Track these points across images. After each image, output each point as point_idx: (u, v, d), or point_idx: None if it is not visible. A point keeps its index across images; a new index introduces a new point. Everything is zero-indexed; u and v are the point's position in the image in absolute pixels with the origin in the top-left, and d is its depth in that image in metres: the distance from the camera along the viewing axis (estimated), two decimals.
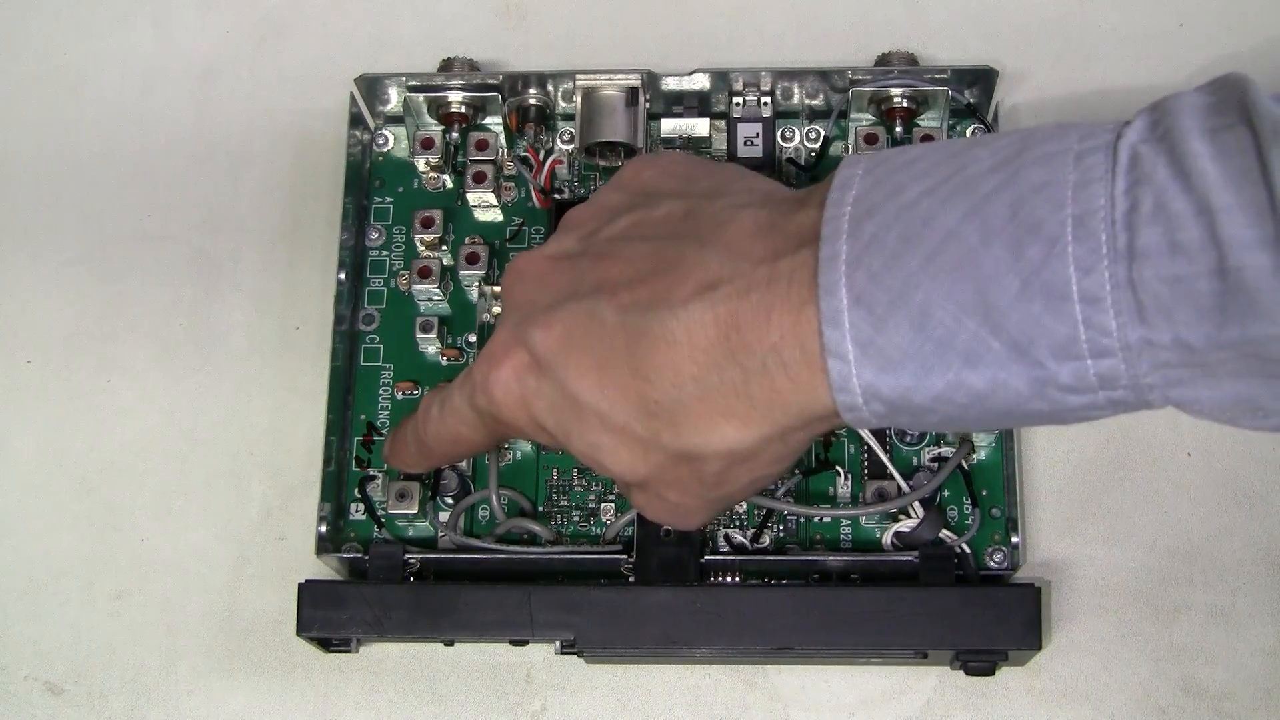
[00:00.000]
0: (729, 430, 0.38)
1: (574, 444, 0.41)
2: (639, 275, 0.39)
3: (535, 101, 0.57)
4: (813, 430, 0.38)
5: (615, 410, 0.39)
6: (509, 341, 0.41)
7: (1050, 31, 0.60)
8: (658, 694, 0.53)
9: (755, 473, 0.40)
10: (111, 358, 0.58)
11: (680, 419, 0.38)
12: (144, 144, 0.61)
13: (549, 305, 0.41)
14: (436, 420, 0.46)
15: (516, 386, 0.41)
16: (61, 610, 0.55)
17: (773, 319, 0.36)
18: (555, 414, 0.41)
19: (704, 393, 0.38)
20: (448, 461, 0.49)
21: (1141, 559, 0.53)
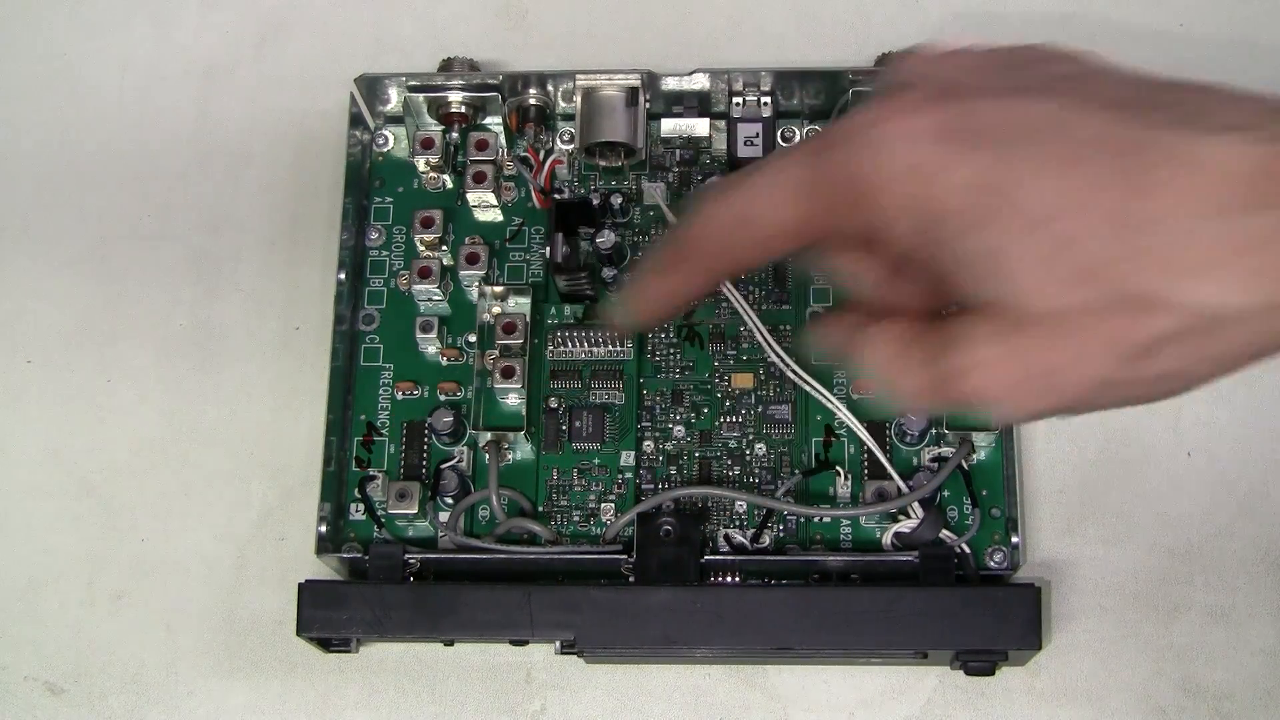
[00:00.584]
0: (1217, 286, 0.30)
1: (972, 240, 0.32)
2: (1145, 97, 0.32)
3: (535, 101, 0.57)
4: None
5: (1072, 215, 0.31)
6: (921, 99, 0.33)
7: (1050, 31, 0.60)
8: (658, 694, 0.53)
9: (1195, 356, 0.32)
10: (111, 358, 0.58)
11: (1161, 253, 0.31)
12: (144, 144, 0.61)
13: (999, 88, 0.33)
14: (728, 190, 0.36)
15: (924, 148, 0.33)
16: (61, 610, 0.55)
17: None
18: (963, 196, 0.32)
19: (1209, 234, 0.30)
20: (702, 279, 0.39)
21: (1141, 559, 0.53)
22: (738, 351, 0.54)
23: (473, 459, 0.53)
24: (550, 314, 0.55)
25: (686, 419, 0.54)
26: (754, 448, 0.53)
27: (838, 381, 0.53)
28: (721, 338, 0.55)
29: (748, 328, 0.53)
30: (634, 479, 0.53)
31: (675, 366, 0.54)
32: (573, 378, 0.54)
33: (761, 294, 0.55)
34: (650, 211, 0.56)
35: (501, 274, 0.56)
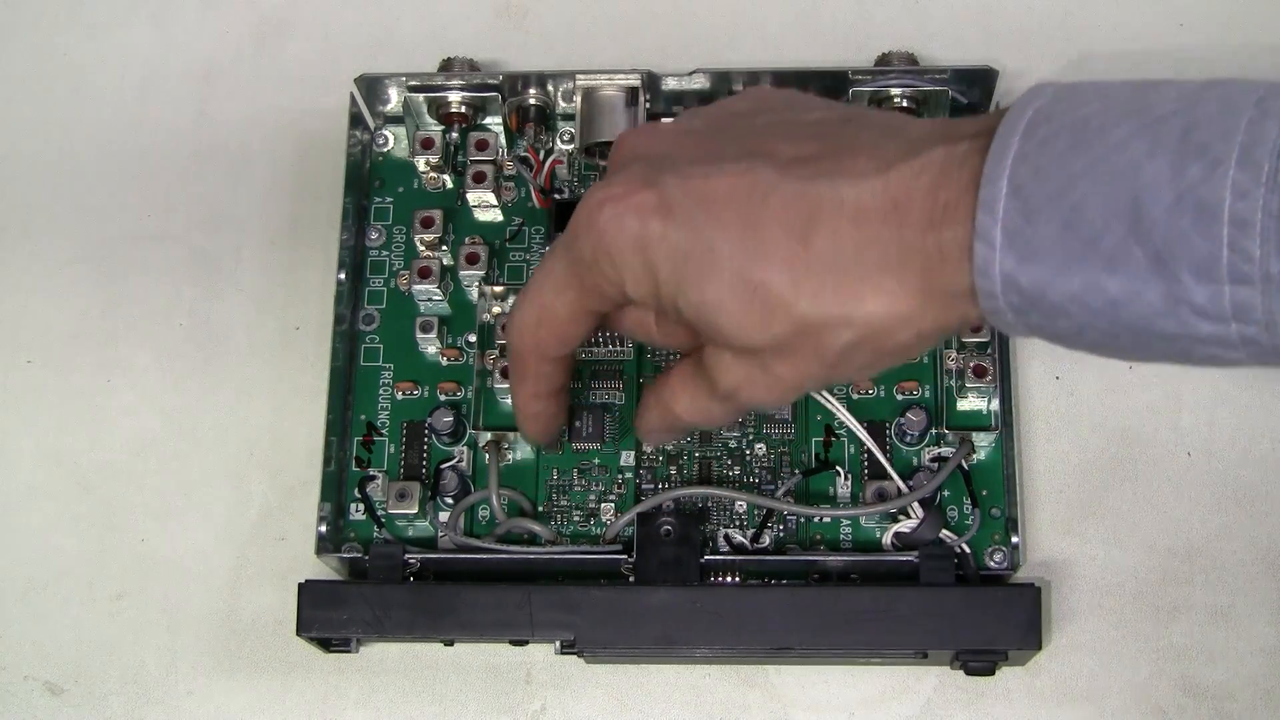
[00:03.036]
0: (875, 302, 0.38)
1: (688, 296, 0.40)
2: (808, 154, 0.39)
3: (535, 101, 0.57)
4: (945, 322, 0.39)
5: (757, 264, 0.38)
6: (630, 183, 0.40)
7: (1050, 31, 0.60)
8: (658, 694, 0.53)
9: (877, 355, 0.40)
10: (111, 358, 0.58)
11: (829, 284, 0.38)
12: (144, 144, 0.61)
13: (692, 161, 0.40)
14: (521, 299, 0.44)
15: (636, 225, 0.40)
16: (61, 610, 0.55)
17: (939, 199, 0.37)
18: (676, 261, 0.39)
19: (861, 262, 0.38)
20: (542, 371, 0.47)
21: (1141, 559, 0.53)
22: None
23: (473, 459, 0.53)
24: None
25: None
26: (754, 448, 0.53)
27: None
28: None
29: None
30: (634, 479, 0.53)
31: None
32: (573, 378, 0.54)
33: None
34: None
35: (501, 274, 0.56)
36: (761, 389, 0.41)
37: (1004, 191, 0.35)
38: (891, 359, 0.40)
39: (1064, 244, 0.35)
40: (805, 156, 0.39)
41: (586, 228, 0.40)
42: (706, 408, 0.44)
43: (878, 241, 0.37)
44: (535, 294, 0.44)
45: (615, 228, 0.40)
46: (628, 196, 0.40)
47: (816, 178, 0.38)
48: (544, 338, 0.45)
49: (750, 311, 0.39)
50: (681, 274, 0.39)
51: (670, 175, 0.40)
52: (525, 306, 0.44)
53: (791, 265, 0.38)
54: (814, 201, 0.38)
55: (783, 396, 0.42)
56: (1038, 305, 0.36)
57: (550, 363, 0.46)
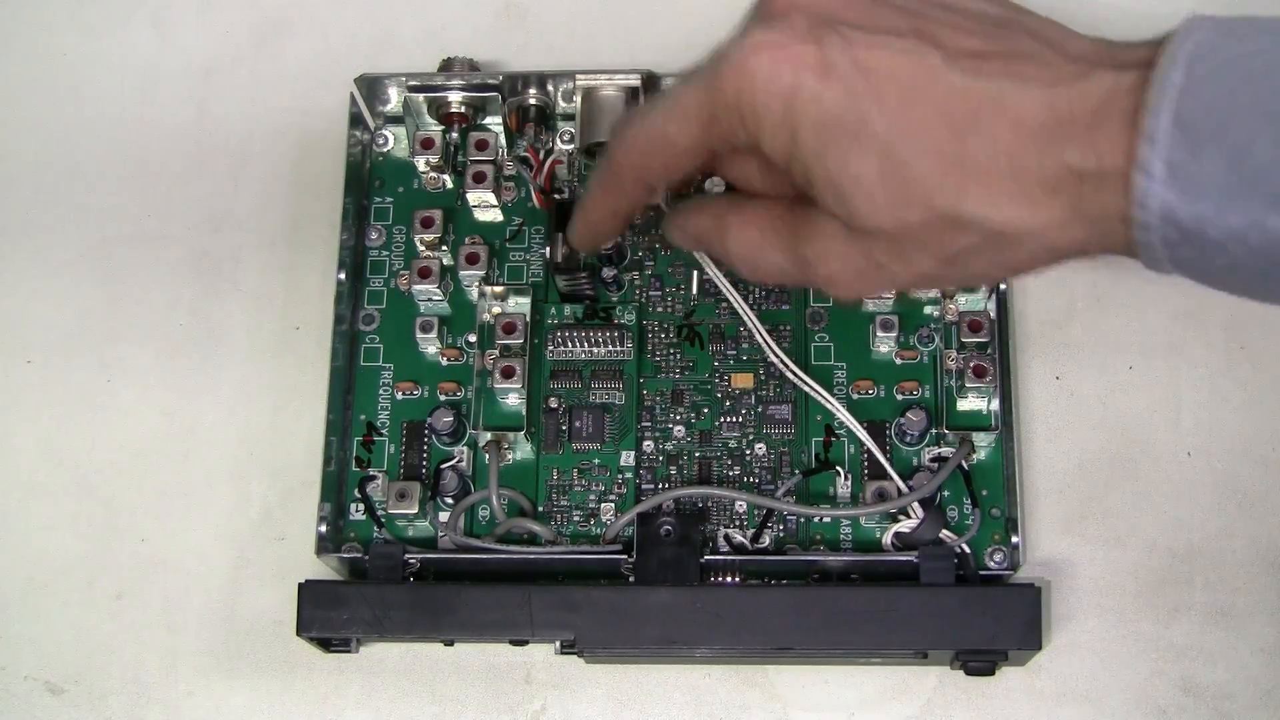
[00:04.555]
0: (1016, 210, 0.38)
1: (825, 163, 0.39)
2: (980, 50, 0.39)
3: (535, 101, 0.57)
4: (1083, 245, 0.38)
5: (908, 147, 0.38)
6: (791, 33, 0.39)
7: None
8: (658, 694, 0.53)
9: (999, 264, 0.40)
10: (111, 358, 0.58)
11: (976, 182, 0.38)
12: (144, 144, 0.61)
13: (857, 26, 0.39)
14: (641, 119, 0.43)
15: (790, 78, 0.38)
16: (61, 610, 0.55)
17: (1102, 126, 0.36)
18: (824, 125, 0.38)
19: (1014, 169, 0.37)
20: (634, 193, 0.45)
21: (1141, 559, 0.53)
22: (738, 351, 0.54)
23: (473, 459, 0.53)
24: (550, 314, 0.55)
25: (686, 419, 0.54)
26: (754, 448, 0.53)
27: (837, 382, 0.53)
28: (721, 338, 0.55)
29: (748, 328, 0.53)
30: (634, 479, 0.53)
31: (675, 366, 0.54)
32: (573, 378, 0.54)
33: (761, 294, 0.55)
34: (650, 211, 0.56)
35: (501, 274, 0.56)
36: (850, 272, 0.41)
37: (1167, 124, 0.35)
38: (1012, 270, 0.40)
39: (1228, 181, 0.34)
40: (973, 51, 0.39)
41: (736, 69, 0.39)
42: (767, 256, 0.43)
43: (1033, 152, 0.37)
44: (657, 117, 0.42)
45: (769, 76, 0.39)
46: (787, 46, 0.39)
47: (982, 75, 0.38)
48: (650, 161, 0.43)
49: (887, 192, 0.38)
50: (825, 139, 0.38)
51: (835, 36, 0.39)
52: (642, 125, 0.43)
53: (942, 156, 0.38)
54: (977, 98, 0.38)
55: (865, 287, 0.41)
56: (1194, 240, 0.35)
57: (643, 186, 0.45)
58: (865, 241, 0.40)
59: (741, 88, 0.39)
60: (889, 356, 0.54)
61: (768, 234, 0.43)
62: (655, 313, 0.55)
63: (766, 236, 0.43)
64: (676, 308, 0.55)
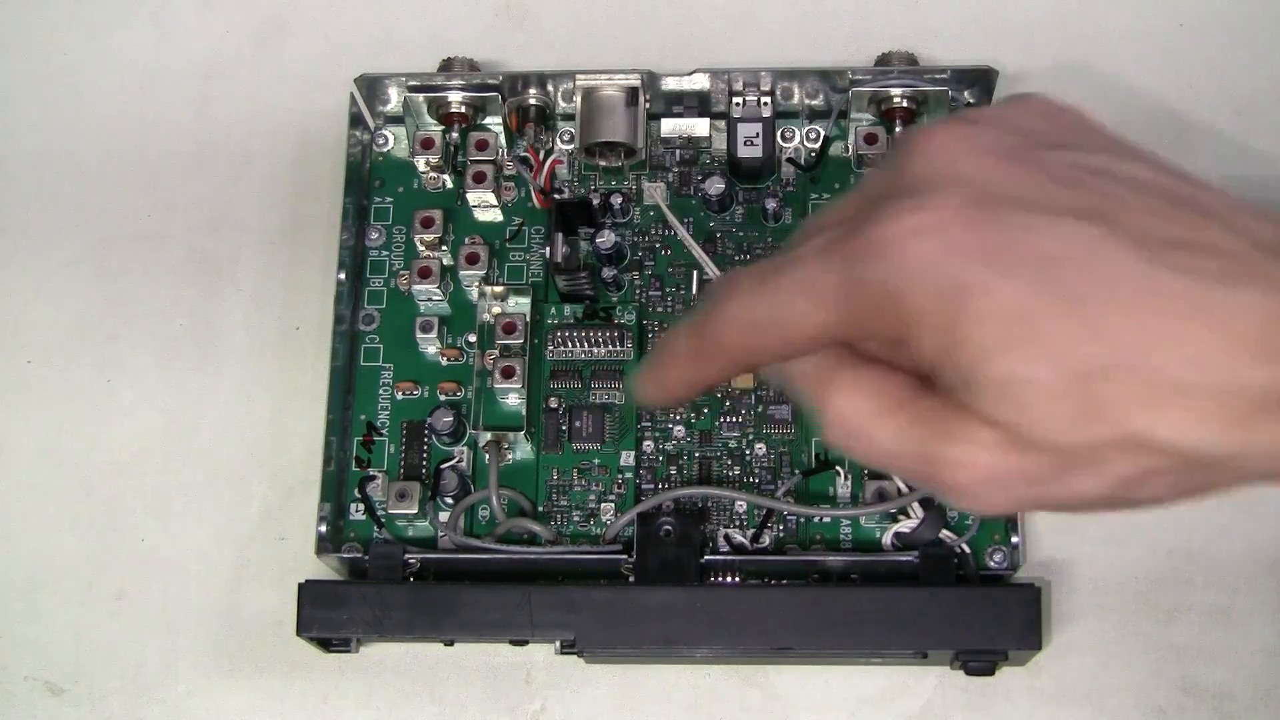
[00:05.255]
0: (1221, 433, 0.32)
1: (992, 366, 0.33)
2: (1175, 239, 0.33)
3: (535, 101, 0.57)
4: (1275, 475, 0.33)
5: (1099, 354, 0.32)
6: (953, 213, 0.33)
7: (1050, 31, 0.60)
8: (658, 694, 0.53)
9: (1179, 489, 0.34)
10: (111, 358, 0.58)
11: (1178, 399, 0.32)
12: (144, 144, 0.61)
13: (1024, 203, 0.33)
14: (753, 291, 0.35)
15: (956, 269, 0.32)
16: (61, 610, 0.55)
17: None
18: (994, 324, 0.32)
19: (1223, 386, 0.32)
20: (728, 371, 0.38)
21: (1141, 559, 0.53)
22: None
23: (473, 459, 0.53)
24: (550, 314, 0.55)
25: (686, 419, 0.54)
26: (754, 448, 0.53)
27: None
28: None
29: None
30: (634, 479, 0.53)
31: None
32: (573, 378, 0.54)
33: None
34: (650, 211, 0.56)
35: (501, 274, 0.56)
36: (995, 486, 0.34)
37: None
38: (1196, 497, 0.34)
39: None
40: (1164, 240, 0.33)
41: (891, 254, 0.33)
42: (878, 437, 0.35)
43: (1246, 367, 0.32)
44: (777, 293, 0.35)
45: (930, 266, 0.32)
46: (948, 229, 0.33)
47: (1181, 271, 0.32)
48: (756, 344, 0.36)
49: (1071, 404, 0.32)
50: (995, 340, 0.32)
51: (1005, 216, 0.33)
52: (757, 300, 0.36)
53: (1139, 367, 0.32)
54: (1179, 300, 0.32)
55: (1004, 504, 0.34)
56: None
57: (739, 368, 0.38)
58: (1027, 456, 0.33)
59: (894, 278, 0.33)
60: None
61: (888, 413, 0.36)
62: (655, 313, 0.55)
63: (885, 417, 0.36)
64: (676, 308, 0.55)
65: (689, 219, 0.56)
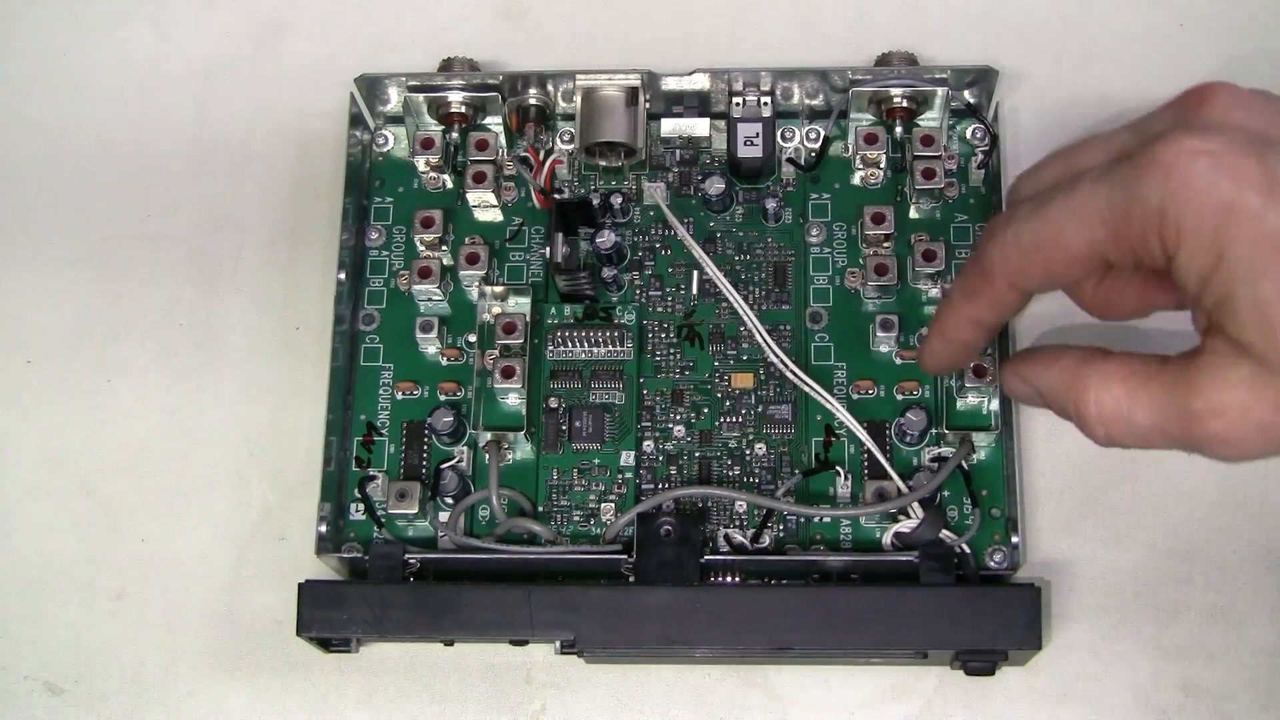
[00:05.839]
0: None
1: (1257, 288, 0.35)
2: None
3: (535, 101, 0.57)
4: None
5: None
6: (1232, 145, 0.36)
7: (1050, 31, 0.60)
8: (658, 694, 0.53)
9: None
10: (111, 358, 0.58)
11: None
12: (144, 144, 0.61)
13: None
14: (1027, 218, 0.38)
15: (1231, 191, 0.35)
16: (61, 610, 0.55)
17: None
18: (1260, 246, 0.35)
19: None
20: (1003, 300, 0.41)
21: (1141, 559, 0.53)
22: (738, 351, 0.54)
23: (473, 459, 0.53)
24: (550, 314, 0.55)
25: (686, 419, 0.54)
26: (754, 448, 0.53)
27: (837, 382, 0.53)
28: (721, 338, 0.55)
29: (748, 328, 0.53)
30: (634, 479, 0.53)
31: (675, 366, 0.54)
32: (573, 378, 0.54)
33: (761, 294, 0.55)
34: (650, 211, 0.56)
35: (501, 274, 0.56)
36: (1251, 425, 0.36)
37: None
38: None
39: None
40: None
41: (1165, 172, 0.36)
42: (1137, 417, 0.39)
43: None
44: (1052, 215, 0.38)
45: (1206, 185, 0.35)
46: (1227, 157, 0.35)
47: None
48: (1034, 265, 0.39)
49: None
50: (1263, 262, 0.35)
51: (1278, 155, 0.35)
52: (1031, 224, 0.39)
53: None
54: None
55: (1262, 447, 0.36)
56: None
57: (1018, 294, 0.41)
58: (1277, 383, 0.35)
59: (1170, 194, 0.36)
60: (889, 356, 0.54)
61: (1138, 391, 0.39)
62: (655, 313, 0.55)
63: (1137, 394, 0.39)
64: (676, 308, 0.55)
65: (689, 219, 0.56)
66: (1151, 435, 0.39)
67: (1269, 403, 0.35)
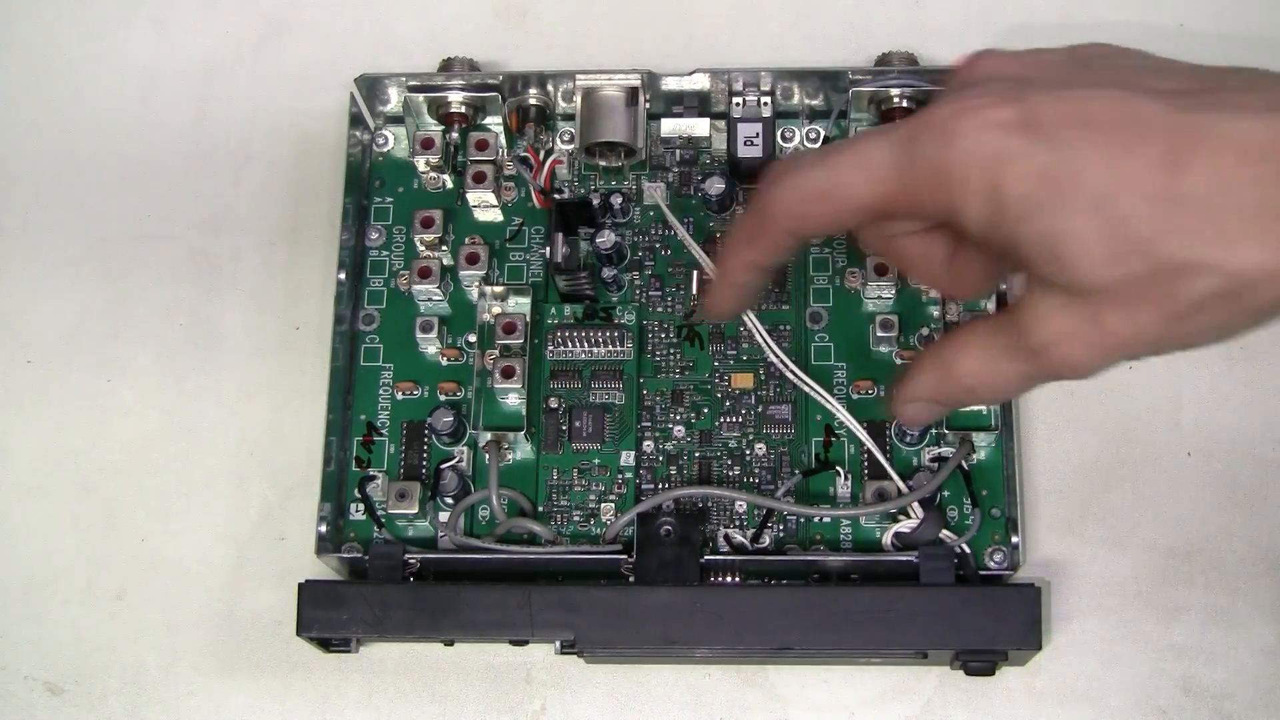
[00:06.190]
0: (1251, 249, 0.35)
1: (1036, 223, 0.37)
2: (1189, 88, 0.37)
3: (535, 101, 0.57)
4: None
5: (1124, 193, 0.35)
6: (992, 96, 0.37)
7: (1050, 31, 0.60)
8: (658, 694, 0.53)
9: (1235, 312, 0.36)
10: (111, 358, 0.58)
11: (1201, 223, 0.35)
12: (144, 144, 0.61)
13: (1059, 83, 0.38)
14: (811, 165, 0.40)
15: (995, 140, 0.37)
16: (61, 610, 0.55)
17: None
18: (1032, 183, 0.36)
19: (1241, 203, 0.35)
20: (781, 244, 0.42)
21: (1141, 559, 0.53)
22: (738, 351, 0.54)
23: (473, 459, 0.53)
24: (550, 314, 0.55)
25: (686, 419, 0.54)
26: (754, 448, 0.53)
27: (837, 382, 0.53)
28: (721, 338, 0.55)
29: (748, 328, 0.53)
30: (634, 479, 0.53)
31: (675, 366, 0.54)
32: (573, 378, 0.54)
33: (761, 294, 0.55)
34: (650, 211, 0.56)
35: (501, 274, 0.56)
36: (1081, 344, 0.38)
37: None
38: (1252, 320, 0.37)
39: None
40: (1186, 90, 0.36)
41: (939, 132, 0.37)
42: (999, 369, 0.40)
43: (1264, 183, 0.35)
44: (832, 166, 0.40)
45: (974, 140, 0.37)
46: (990, 109, 0.37)
47: (1200, 109, 0.35)
48: (816, 212, 0.40)
49: (1105, 243, 0.36)
50: (1035, 197, 0.36)
51: (1039, 94, 0.37)
52: (812, 173, 0.40)
53: (1163, 199, 0.35)
54: (1197, 132, 0.35)
55: (1101, 359, 0.38)
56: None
57: (795, 239, 0.42)
58: (1090, 306, 0.37)
59: (943, 153, 0.37)
60: (889, 356, 0.54)
61: (989, 349, 0.40)
62: (655, 313, 0.55)
63: (989, 351, 0.40)
64: (676, 308, 0.55)
65: (689, 219, 0.56)
66: (1021, 381, 0.41)
67: (1088, 321, 0.37)
